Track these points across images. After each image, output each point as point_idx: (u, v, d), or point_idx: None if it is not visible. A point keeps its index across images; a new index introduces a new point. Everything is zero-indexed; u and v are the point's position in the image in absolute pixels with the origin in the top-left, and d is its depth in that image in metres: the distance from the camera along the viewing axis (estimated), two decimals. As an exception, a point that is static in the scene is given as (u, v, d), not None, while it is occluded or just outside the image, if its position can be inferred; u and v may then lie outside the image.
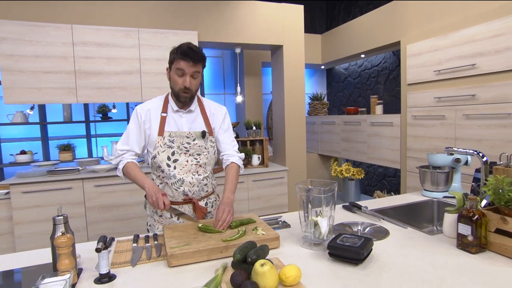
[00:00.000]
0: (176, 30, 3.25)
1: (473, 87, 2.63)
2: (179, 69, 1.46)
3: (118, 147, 1.57)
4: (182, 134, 1.54)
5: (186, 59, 1.43)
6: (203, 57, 1.49)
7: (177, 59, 1.45)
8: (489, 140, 2.54)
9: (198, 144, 1.57)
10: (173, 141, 1.54)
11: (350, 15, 4.95)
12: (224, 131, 1.66)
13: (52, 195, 2.91)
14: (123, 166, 1.55)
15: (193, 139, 1.56)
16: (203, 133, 1.57)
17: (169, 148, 1.53)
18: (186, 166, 1.55)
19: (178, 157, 1.54)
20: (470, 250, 1.18)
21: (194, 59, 1.44)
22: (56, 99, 2.94)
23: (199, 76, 1.51)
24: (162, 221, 1.63)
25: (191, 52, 1.43)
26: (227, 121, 1.68)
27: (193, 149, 1.56)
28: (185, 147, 1.55)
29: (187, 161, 1.55)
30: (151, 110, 1.56)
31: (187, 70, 1.45)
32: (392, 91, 4.27)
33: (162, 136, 1.53)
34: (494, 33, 2.48)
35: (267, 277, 0.94)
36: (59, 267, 1.03)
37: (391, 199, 2.01)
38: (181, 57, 1.43)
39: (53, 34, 2.88)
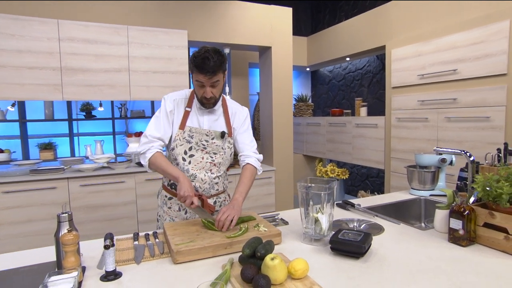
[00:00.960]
0: (166, 29, 3.23)
1: (454, 91, 2.77)
2: (198, 81, 1.45)
3: (148, 132, 1.52)
4: (202, 131, 1.56)
5: (203, 72, 1.40)
6: (221, 64, 1.43)
7: (196, 72, 1.43)
8: (469, 141, 2.68)
9: (216, 143, 1.58)
10: (192, 137, 1.55)
11: (335, 18, 5.07)
12: (244, 131, 1.66)
13: (35, 195, 2.81)
14: (151, 155, 1.50)
15: (212, 137, 1.58)
16: (223, 133, 1.58)
17: (187, 142, 1.55)
18: (200, 162, 1.57)
19: (195, 153, 1.56)
20: (461, 243, 1.26)
21: (210, 72, 1.40)
22: (40, 96, 2.85)
23: (220, 83, 1.49)
24: (170, 213, 1.65)
25: (207, 65, 1.38)
26: (247, 122, 1.68)
27: (210, 147, 1.58)
28: (203, 144, 1.56)
29: (202, 158, 1.57)
30: (177, 101, 1.57)
31: (205, 82, 1.44)
32: (376, 94, 4.41)
33: (182, 130, 1.55)
34: (474, 41, 2.62)
35: (277, 270, 0.97)
36: (65, 265, 1.01)
37: (380, 197, 2.08)
38: (197, 70, 1.41)
39: (38, 28, 2.79)
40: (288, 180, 3.99)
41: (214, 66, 1.40)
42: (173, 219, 1.65)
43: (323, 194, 1.32)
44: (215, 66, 1.40)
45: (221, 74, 1.47)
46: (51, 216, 2.86)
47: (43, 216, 2.84)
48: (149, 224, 3.19)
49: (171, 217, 1.65)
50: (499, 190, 1.18)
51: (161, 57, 3.21)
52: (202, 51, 1.41)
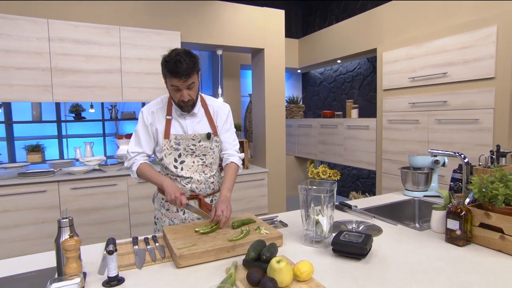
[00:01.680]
0: (159, 30, 3.20)
1: (444, 94, 2.84)
2: (172, 85, 1.43)
3: (130, 149, 1.58)
4: (187, 136, 1.56)
5: (177, 76, 1.38)
6: (194, 65, 1.41)
7: (169, 77, 1.41)
8: (459, 143, 2.74)
9: (204, 145, 1.59)
10: (179, 144, 1.56)
11: (326, 21, 5.12)
12: (226, 130, 1.67)
13: (23, 199, 2.74)
14: (136, 168, 1.55)
15: (199, 140, 1.58)
16: (208, 135, 1.59)
17: (175, 150, 1.56)
18: (192, 167, 1.59)
19: (185, 159, 1.58)
20: (458, 243, 1.29)
21: (185, 75, 1.38)
22: (29, 97, 2.78)
23: (195, 84, 1.48)
24: (169, 215, 1.65)
25: (180, 68, 1.36)
26: (229, 120, 1.69)
27: (199, 150, 1.59)
28: (191, 148, 1.57)
29: (193, 162, 1.59)
30: (155, 112, 1.56)
31: (181, 86, 1.42)
32: (366, 96, 4.48)
33: (168, 140, 1.55)
34: (463, 45, 2.69)
35: (283, 273, 0.97)
36: (67, 271, 0.99)
37: (375, 198, 2.11)
38: (171, 74, 1.39)
39: (27, 28, 2.73)
40: (281, 182, 4.00)
41: (187, 69, 1.38)
42: (172, 221, 1.65)
43: (323, 196, 1.33)
44: (189, 69, 1.39)
45: (196, 75, 1.46)
46: (41, 220, 2.79)
47: (32, 220, 2.77)
48: (142, 227, 3.15)
49: (170, 218, 1.65)
50: (494, 191, 1.22)
51: (153, 58, 3.18)
52: (173, 55, 1.39)
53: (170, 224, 1.64)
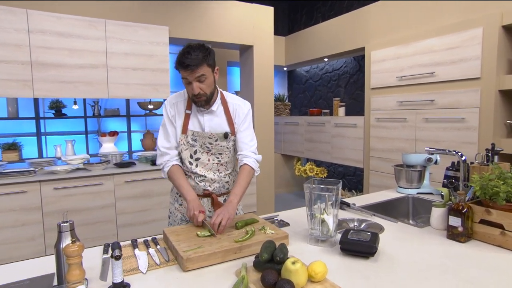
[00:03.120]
0: (147, 24, 3.10)
1: (432, 93, 2.91)
2: (183, 78, 1.42)
3: (161, 144, 1.56)
4: (204, 134, 1.53)
5: (184, 67, 1.37)
6: (204, 57, 1.38)
7: (179, 69, 1.40)
8: (446, 141, 2.82)
9: (220, 144, 1.56)
10: (196, 140, 1.54)
11: (312, 19, 5.14)
12: (244, 130, 1.59)
13: (1, 201, 2.58)
14: (168, 169, 1.55)
15: (215, 139, 1.54)
16: (226, 134, 1.55)
17: (191, 146, 1.54)
18: (207, 164, 1.57)
19: (200, 156, 1.56)
20: (460, 239, 1.31)
21: (192, 65, 1.36)
22: (8, 93, 2.62)
23: (207, 78, 1.43)
24: (181, 210, 1.66)
25: (187, 59, 1.36)
26: (248, 119, 1.61)
27: (215, 149, 1.56)
28: (207, 146, 1.55)
29: (208, 159, 1.57)
30: (176, 104, 1.55)
31: (190, 77, 1.39)
32: (353, 94, 4.54)
33: (185, 135, 1.53)
34: (450, 46, 2.77)
35: (299, 274, 0.95)
36: (69, 278, 0.93)
37: (370, 196, 2.13)
38: (180, 66, 1.39)
39: (4, 18, 2.56)
40: (269, 180, 3.99)
41: (195, 59, 1.36)
42: (185, 216, 1.64)
43: (327, 195, 1.32)
44: (196, 59, 1.36)
45: (206, 68, 1.41)
46: (21, 223, 2.65)
47: (11, 223, 2.62)
48: (129, 227, 3.05)
49: (182, 213, 1.65)
50: (495, 188, 1.25)
51: (141, 53, 3.08)
52: (185, 47, 1.40)
53: (182, 219, 1.65)
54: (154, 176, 3.08)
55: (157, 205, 3.15)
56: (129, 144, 4.00)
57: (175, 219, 1.66)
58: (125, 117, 3.92)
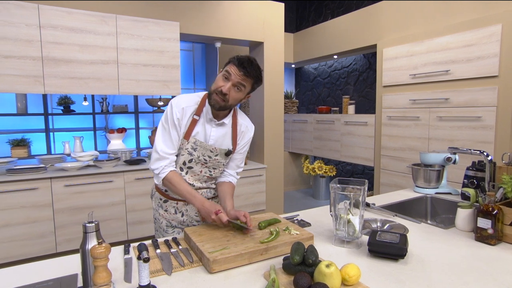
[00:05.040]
0: (157, 20, 3.06)
1: (446, 91, 2.86)
2: (227, 71, 1.36)
3: (160, 148, 1.43)
4: (207, 146, 1.47)
5: (237, 66, 1.35)
6: (258, 75, 1.39)
7: (231, 64, 1.37)
8: (460, 140, 2.78)
9: (218, 160, 1.51)
10: (196, 149, 1.46)
11: (320, 16, 5.08)
12: (240, 153, 1.60)
13: (13, 197, 2.57)
14: (164, 176, 1.43)
15: (216, 154, 1.49)
16: (228, 152, 1.50)
17: (189, 154, 1.46)
18: (198, 175, 1.52)
19: (194, 166, 1.49)
20: (490, 242, 1.28)
21: (246, 70, 1.34)
22: (18, 88, 2.59)
23: (242, 91, 1.39)
24: (166, 216, 1.58)
25: (247, 63, 1.36)
26: (248, 144, 1.62)
27: (212, 163, 1.50)
28: (204, 159, 1.48)
29: (200, 171, 1.51)
30: (185, 109, 1.44)
31: (233, 76, 1.35)
32: (362, 92, 4.49)
33: (187, 141, 1.44)
34: (466, 43, 2.72)
35: (334, 278, 0.92)
36: (97, 281, 0.91)
37: (387, 196, 2.10)
38: (235, 62, 1.36)
39: (16, 13, 2.53)
40: (279, 178, 3.96)
41: (252, 70, 1.36)
42: (170, 222, 1.58)
43: (352, 195, 1.29)
44: (253, 71, 1.37)
45: (249, 85, 1.40)
46: (32, 219, 2.63)
47: (23, 220, 2.60)
48: (139, 225, 3.03)
49: (168, 220, 1.57)
50: (528, 189, 1.21)
51: (152, 49, 3.05)
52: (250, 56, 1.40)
53: (168, 225, 1.57)
54: (165, 174, 3.05)
55: (167, 203, 3.12)
56: (137, 141, 3.97)
57: (161, 225, 1.58)
58: (133, 114, 3.89)
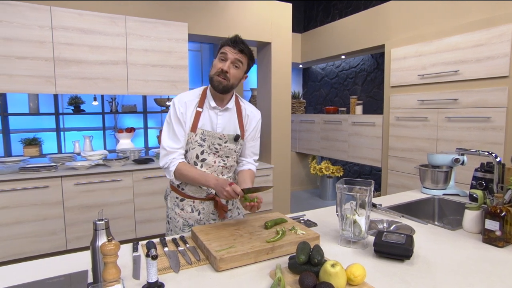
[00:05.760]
0: (166, 21, 3.09)
1: (455, 92, 2.84)
2: (222, 53, 1.42)
3: (166, 144, 1.47)
4: (215, 134, 1.49)
5: (231, 45, 1.41)
6: (251, 53, 1.47)
7: (223, 46, 1.43)
8: (469, 141, 2.75)
9: (229, 147, 1.52)
10: (205, 140, 1.48)
11: (328, 16, 5.07)
12: (254, 139, 1.63)
13: (25, 195, 2.62)
14: (174, 168, 1.46)
15: (225, 141, 1.51)
16: (236, 137, 1.52)
17: (199, 146, 1.48)
18: (213, 166, 1.52)
19: (207, 157, 1.50)
20: (498, 244, 1.27)
21: (239, 47, 1.41)
22: (31, 89, 2.65)
23: (240, 68, 1.44)
24: (183, 215, 1.57)
25: (240, 41, 1.42)
26: (259, 129, 1.64)
27: (223, 151, 1.52)
28: (215, 147, 1.50)
29: (214, 161, 1.52)
30: (187, 103, 1.48)
31: (230, 55, 1.40)
32: (370, 93, 4.47)
33: (194, 133, 1.47)
34: (476, 43, 2.69)
35: (339, 277, 0.93)
36: (106, 277, 0.93)
37: (394, 196, 2.09)
38: (227, 43, 1.42)
39: (29, 15, 2.59)
40: (285, 178, 3.97)
41: (246, 47, 1.43)
42: (187, 221, 1.58)
43: (359, 195, 1.29)
44: (246, 48, 1.44)
45: (245, 61, 1.46)
46: (42, 217, 2.69)
47: (34, 217, 2.66)
48: (147, 224, 3.07)
49: (185, 218, 1.58)
50: (537, 191, 1.20)
51: (160, 50, 3.08)
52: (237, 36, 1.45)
53: (185, 224, 1.58)
54: (172, 173, 3.08)
55: (174, 202, 3.15)
56: (145, 140, 4.02)
57: (176, 224, 1.58)
58: (142, 114, 3.94)
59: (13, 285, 1.01)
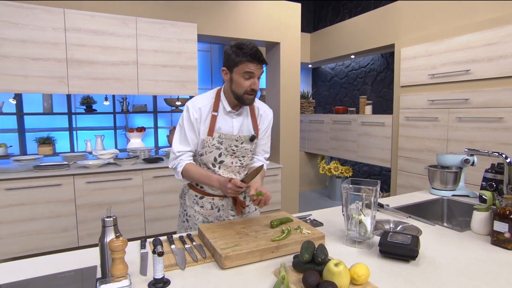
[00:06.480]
0: (175, 21, 3.13)
1: (466, 92, 2.79)
2: (247, 72, 1.40)
3: (175, 148, 1.53)
4: (231, 136, 1.52)
5: (255, 62, 1.39)
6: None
7: (245, 62, 1.39)
8: (480, 142, 2.71)
9: (245, 147, 1.56)
10: (222, 143, 1.52)
11: (338, 16, 5.05)
12: (266, 137, 1.66)
13: (39, 192, 2.70)
14: (182, 169, 1.52)
15: (241, 142, 1.55)
16: (252, 137, 1.56)
17: (217, 149, 1.52)
18: (230, 167, 1.56)
19: (224, 159, 1.54)
20: (506, 246, 1.25)
21: (262, 61, 1.41)
22: (45, 89, 2.72)
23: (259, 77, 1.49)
24: (203, 212, 1.61)
25: (259, 54, 1.40)
26: (270, 128, 1.68)
27: (240, 151, 1.56)
28: (232, 149, 1.54)
29: (232, 162, 1.56)
30: (202, 108, 1.51)
31: (256, 72, 1.42)
32: (380, 92, 4.43)
33: (211, 137, 1.50)
34: (488, 42, 2.64)
35: (342, 277, 0.93)
36: (114, 273, 0.96)
37: (402, 197, 2.08)
38: (250, 59, 1.39)
39: (43, 17, 2.66)
40: (294, 178, 3.97)
41: (263, 57, 1.42)
42: (207, 218, 1.60)
43: (364, 195, 1.29)
44: (263, 57, 1.43)
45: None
46: (55, 214, 2.75)
47: (47, 214, 2.73)
48: (156, 222, 3.12)
49: (205, 216, 1.61)
50: (547, 193, 1.18)
51: (170, 50, 3.12)
52: (247, 43, 1.41)
53: (205, 221, 1.60)
54: (181, 172, 3.12)
55: (183, 201, 3.19)
56: (155, 140, 4.07)
57: (196, 222, 1.60)
58: (152, 113, 3.99)
59: (26, 278, 1.05)
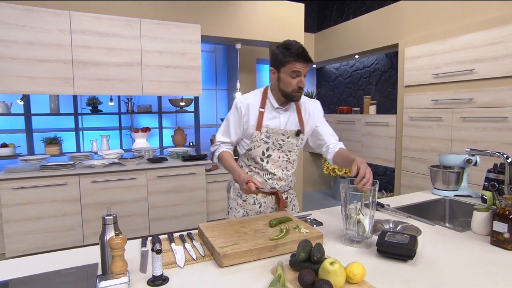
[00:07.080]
0: (179, 23, 3.16)
1: (470, 91, 2.77)
2: (295, 71, 1.46)
3: (218, 138, 1.66)
4: (278, 131, 1.59)
5: (302, 61, 1.45)
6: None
7: (292, 62, 1.45)
8: (485, 142, 2.69)
9: (291, 142, 1.62)
10: (269, 137, 1.59)
11: (342, 16, 5.04)
12: (323, 123, 1.71)
13: (45, 192, 2.74)
14: (218, 154, 1.65)
15: (288, 136, 1.60)
16: (298, 132, 1.61)
17: (265, 143, 1.59)
18: (277, 161, 1.62)
19: (272, 153, 1.61)
20: (506, 246, 1.25)
21: (309, 60, 1.47)
22: (51, 90, 2.77)
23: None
24: (244, 206, 1.68)
25: (305, 54, 1.46)
26: (322, 113, 1.74)
27: (286, 146, 1.62)
28: (279, 143, 1.60)
29: (279, 157, 1.62)
30: (250, 104, 1.59)
31: (303, 71, 1.48)
32: (384, 92, 4.41)
33: (259, 132, 1.57)
34: (492, 41, 2.62)
35: (337, 275, 0.94)
36: (114, 270, 0.98)
37: (404, 197, 2.07)
38: (297, 59, 1.45)
39: (50, 20, 2.71)
40: (298, 178, 3.97)
41: (309, 56, 1.48)
42: (247, 212, 1.68)
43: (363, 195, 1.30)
44: (309, 56, 1.49)
45: None
46: (61, 213, 2.80)
47: (54, 213, 2.78)
48: (160, 221, 3.15)
49: (246, 210, 1.68)
50: (547, 193, 1.17)
51: (173, 51, 3.15)
52: (293, 42, 1.46)
53: (244, 215, 1.67)
54: (186, 172, 3.16)
55: (187, 200, 3.22)
56: (160, 140, 4.11)
57: (237, 214, 1.68)
58: (157, 114, 4.03)
59: (30, 274, 1.08)
